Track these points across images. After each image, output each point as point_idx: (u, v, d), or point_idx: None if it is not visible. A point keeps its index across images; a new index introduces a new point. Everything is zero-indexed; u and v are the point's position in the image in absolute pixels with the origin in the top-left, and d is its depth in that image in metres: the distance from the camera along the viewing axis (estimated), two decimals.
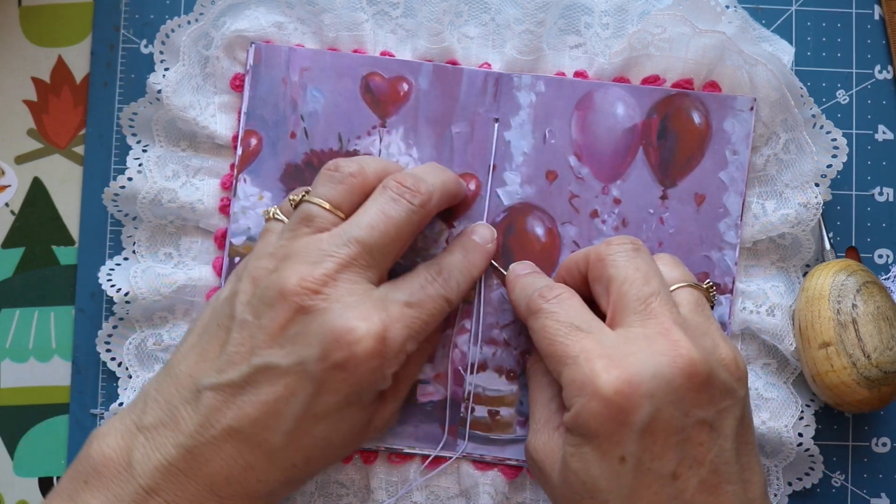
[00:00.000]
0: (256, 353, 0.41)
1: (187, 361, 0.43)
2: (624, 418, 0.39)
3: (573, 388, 0.40)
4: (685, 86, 0.50)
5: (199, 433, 0.41)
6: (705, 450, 0.40)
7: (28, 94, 0.54)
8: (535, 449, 0.43)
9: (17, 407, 0.52)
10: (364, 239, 0.42)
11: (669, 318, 0.41)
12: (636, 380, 0.39)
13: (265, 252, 0.43)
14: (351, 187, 0.44)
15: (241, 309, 0.42)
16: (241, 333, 0.42)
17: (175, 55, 0.50)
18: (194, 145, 0.51)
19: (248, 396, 0.41)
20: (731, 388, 0.41)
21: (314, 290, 0.41)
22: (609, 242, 0.44)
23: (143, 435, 0.41)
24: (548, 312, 0.43)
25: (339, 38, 0.51)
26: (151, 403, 0.42)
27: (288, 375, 0.41)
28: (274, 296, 0.41)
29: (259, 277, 0.42)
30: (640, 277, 0.42)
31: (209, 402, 0.41)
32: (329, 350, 0.40)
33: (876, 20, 0.53)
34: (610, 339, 0.41)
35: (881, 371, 0.46)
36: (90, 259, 0.52)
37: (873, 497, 0.51)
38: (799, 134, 0.49)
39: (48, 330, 0.53)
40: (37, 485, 0.52)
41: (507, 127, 0.50)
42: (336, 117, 0.50)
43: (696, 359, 0.39)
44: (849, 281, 0.47)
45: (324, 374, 0.41)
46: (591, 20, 0.50)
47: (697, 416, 0.39)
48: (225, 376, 0.41)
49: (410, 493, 0.49)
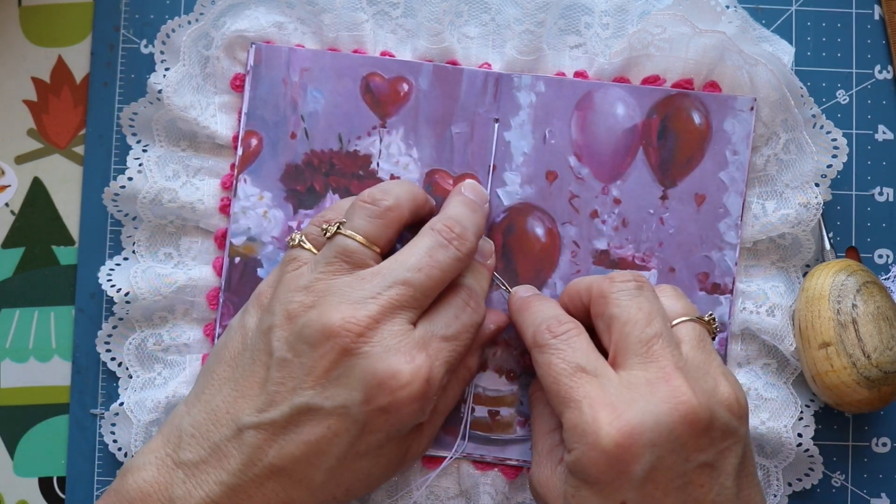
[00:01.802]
0: (298, 394, 0.41)
1: (223, 395, 0.42)
2: (624, 468, 0.39)
3: (574, 433, 0.40)
4: (685, 86, 0.50)
5: (242, 472, 0.41)
6: (706, 490, 0.40)
7: (28, 94, 0.54)
8: (538, 483, 0.44)
9: (17, 407, 0.52)
10: (410, 281, 0.42)
11: (671, 362, 0.41)
12: (637, 430, 0.39)
13: (299, 285, 0.43)
14: (388, 222, 0.44)
15: (278, 345, 0.42)
16: (280, 372, 0.41)
17: (175, 55, 0.50)
18: (194, 145, 0.51)
19: (291, 436, 0.41)
20: (733, 429, 0.41)
21: (358, 332, 0.41)
22: (612, 279, 0.44)
23: (182, 471, 0.41)
24: (554, 349, 0.43)
25: (339, 39, 0.51)
26: (188, 439, 0.42)
27: (331, 417, 0.41)
28: (316, 336, 0.41)
29: (296, 313, 0.42)
30: (643, 318, 0.42)
31: (252, 441, 0.41)
32: (373, 394, 0.40)
33: (876, 20, 0.53)
34: (613, 384, 0.41)
35: (881, 371, 0.46)
36: (90, 259, 0.52)
37: (873, 497, 0.51)
38: (799, 134, 0.49)
39: (48, 330, 0.53)
40: (37, 485, 0.52)
41: (507, 127, 0.50)
42: (336, 118, 0.50)
43: (696, 405, 0.40)
44: (849, 281, 0.47)
45: (367, 417, 0.41)
46: (591, 20, 0.50)
47: (698, 459, 0.40)
48: (267, 416, 0.41)
49: (410, 493, 0.49)
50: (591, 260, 0.50)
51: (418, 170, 0.50)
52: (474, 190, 0.48)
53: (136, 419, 0.49)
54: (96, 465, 0.52)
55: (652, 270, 0.49)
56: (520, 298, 0.47)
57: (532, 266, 0.50)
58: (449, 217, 0.45)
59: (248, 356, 0.43)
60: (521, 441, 0.49)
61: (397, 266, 0.43)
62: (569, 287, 0.47)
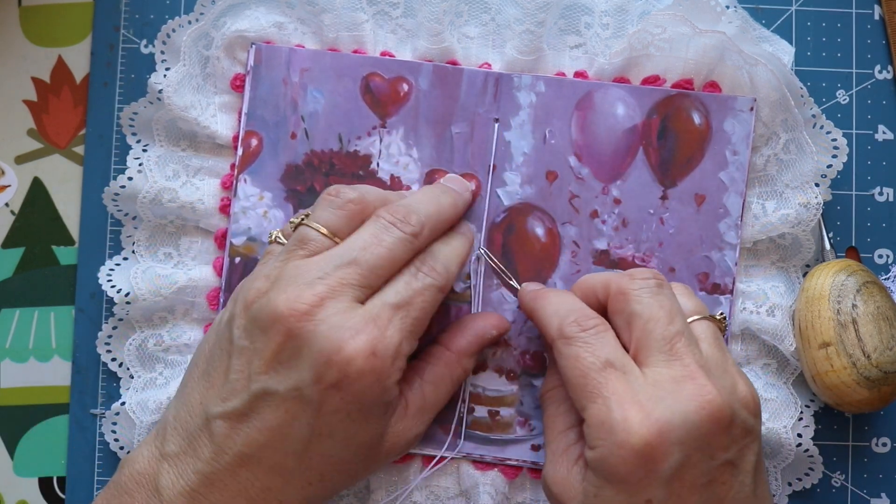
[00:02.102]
0: (254, 380, 0.41)
1: (199, 388, 0.43)
2: (653, 466, 0.39)
3: (601, 429, 0.40)
4: (685, 86, 0.50)
5: (214, 460, 0.41)
6: (727, 488, 0.41)
7: (28, 94, 0.54)
8: (553, 482, 0.43)
9: (17, 407, 0.52)
10: (356, 259, 0.42)
11: (693, 361, 0.41)
12: (666, 428, 0.39)
13: (261, 273, 0.43)
14: (350, 213, 0.44)
15: (237, 334, 0.42)
16: (239, 360, 0.42)
17: (175, 55, 0.50)
18: (195, 145, 0.51)
19: (254, 423, 0.41)
20: (751, 427, 0.41)
21: (304, 311, 0.41)
22: (633, 276, 0.44)
23: (166, 462, 0.42)
24: (583, 342, 0.42)
25: (339, 39, 0.51)
26: (171, 431, 0.43)
27: (287, 400, 0.41)
28: (266, 320, 0.41)
29: (251, 301, 0.42)
30: (665, 316, 0.42)
31: (219, 430, 0.41)
32: (321, 373, 0.40)
33: (876, 20, 0.53)
34: (639, 381, 0.41)
35: (881, 371, 0.46)
36: (90, 259, 0.52)
37: (873, 497, 0.51)
38: (799, 134, 0.49)
39: (48, 330, 0.53)
40: (37, 485, 0.52)
41: (507, 127, 0.50)
42: (336, 118, 0.50)
43: (721, 403, 0.40)
44: (849, 281, 0.47)
45: (321, 395, 0.41)
46: (592, 20, 0.50)
47: (722, 458, 0.40)
48: (229, 404, 0.42)
49: (410, 493, 0.49)
50: (591, 260, 0.50)
51: (418, 170, 0.50)
52: (450, 180, 0.49)
53: (139, 420, 0.49)
54: (96, 465, 0.52)
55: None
56: (533, 290, 0.47)
57: (532, 266, 0.50)
58: (395, 205, 0.45)
59: (218, 348, 0.43)
60: (522, 441, 0.49)
61: (344, 248, 0.43)
62: (581, 282, 0.47)
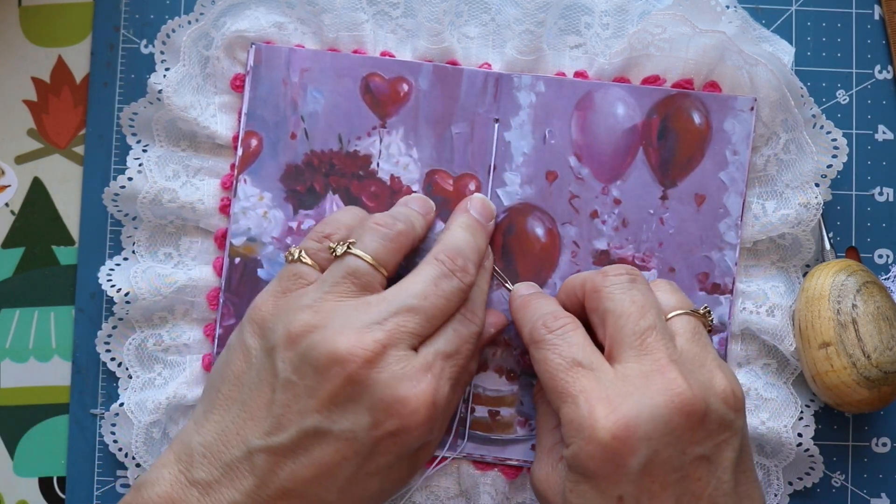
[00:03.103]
0: (305, 417, 0.41)
1: (231, 416, 0.42)
2: (621, 461, 0.39)
3: (571, 428, 0.40)
4: (685, 86, 0.50)
5: (255, 493, 0.41)
6: (703, 484, 0.40)
7: (28, 94, 0.54)
8: (538, 479, 0.44)
9: (17, 407, 0.52)
10: (417, 308, 0.42)
11: (665, 355, 0.41)
12: (633, 423, 0.39)
13: (302, 303, 0.43)
14: (400, 246, 0.45)
15: (283, 367, 0.41)
16: (285, 394, 0.41)
17: (175, 55, 0.50)
18: (195, 145, 0.51)
19: (301, 459, 0.41)
20: (729, 421, 0.41)
21: (366, 358, 0.40)
22: (605, 273, 0.44)
23: (196, 489, 0.41)
24: (550, 344, 0.43)
25: (339, 39, 0.51)
26: (200, 458, 0.42)
27: (339, 441, 0.41)
28: (321, 360, 0.41)
29: (300, 334, 0.42)
30: (636, 311, 0.42)
31: (262, 463, 0.41)
32: (381, 420, 0.40)
33: (876, 20, 0.53)
34: (608, 377, 0.41)
35: (881, 371, 0.46)
36: (90, 259, 0.52)
37: (873, 497, 0.51)
38: (799, 134, 0.49)
39: (48, 330, 0.53)
40: (37, 485, 0.52)
41: (507, 127, 0.50)
42: (336, 118, 0.50)
43: (692, 397, 0.40)
44: (849, 281, 0.47)
45: (376, 440, 0.41)
46: (592, 20, 0.50)
47: (695, 452, 0.40)
48: (275, 439, 0.41)
49: (411, 493, 0.49)
50: (591, 260, 0.50)
51: (418, 170, 0.50)
52: (482, 208, 0.48)
53: (137, 420, 0.49)
54: (96, 465, 0.52)
55: (652, 270, 0.49)
56: (520, 297, 0.47)
57: (532, 266, 0.50)
58: (452, 247, 0.45)
59: (254, 376, 0.43)
60: (522, 441, 0.49)
61: (403, 293, 0.43)
62: (565, 283, 0.47)
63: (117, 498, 0.51)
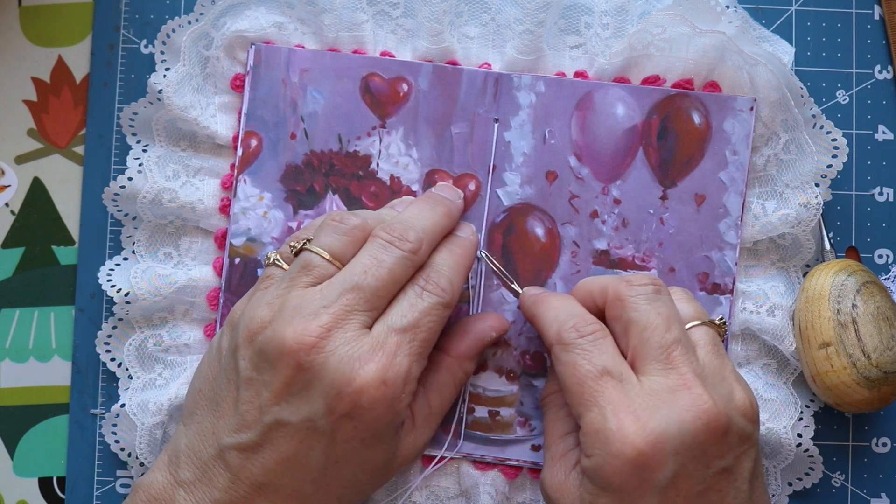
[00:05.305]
0: (265, 412, 0.41)
1: (208, 417, 0.43)
2: (648, 476, 0.39)
3: (596, 438, 0.40)
4: (685, 86, 0.50)
5: (231, 489, 0.42)
6: (724, 495, 0.41)
7: (28, 94, 0.54)
8: (550, 486, 0.44)
9: (17, 407, 0.52)
10: (358, 283, 0.42)
11: (690, 370, 0.41)
12: (662, 438, 0.39)
13: (263, 301, 0.43)
14: (354, 239, 0.44)
15: (244, 365, 0.42)
16: (248, 391, 0.42)
17: (175, 55, 0.50)
18: (194, 145, 0.51)
19: (269, 453, 0.41)
20: (748, 434, 0.41)
21: (311, 344, 0.41)
22: (630, 282, 0.44)
23: (182, 489, 0.42)
24: (581, 349, 0.42)
25: (339, 39, 0.51)
26: (184, 458, 0.43)
27: (300, 431, 0.41)
28: (273, 353, 0.41)
29: (254, 331, 0.42)
30: (662, 324, 0.42)
31: (233, 461, 0.42)
32: (333, 404, 0.41)
33: (876, 20, 0.53)
34: (636, 390, 0.41)
35: (881, 371, 0.46)
36: (90, 259, 0.52)
37: (873, 497, 0.51)
38: (799, 134, 0.49)
39: (48, 330, 0.53)
40: (37, 485, 0.52)
41: (507, 127, 0.50)
42: (336, 118, 0.50)
43: (716, 413, 0.40)
44: (849, 281, 0.47)
45: (333, 425, 0.41)
46: (591, 20, 0.50)
47: (718, 465, 0.40)
48: (242, 436, 0.42)
49: (410, 493, 0.49)
50: (591, 260, 0.50)
51: (418, 170, 0.50)
52: (442, 188, 0.49)
53: (140, 422, 0.49)
54: (96, 465, 0.52)
55: (652, 271, 0.49)
56: (534, 294, 0.47)
57: (532, 266, 0.50)
58: (390, 221, 0.45)
59: (224, 376, 0.43)
60: (522, 441, 0.49)
61: (345, 273, 0.43)
62: (580, 286, 0.47)
63: (117, 498, 0.51)
